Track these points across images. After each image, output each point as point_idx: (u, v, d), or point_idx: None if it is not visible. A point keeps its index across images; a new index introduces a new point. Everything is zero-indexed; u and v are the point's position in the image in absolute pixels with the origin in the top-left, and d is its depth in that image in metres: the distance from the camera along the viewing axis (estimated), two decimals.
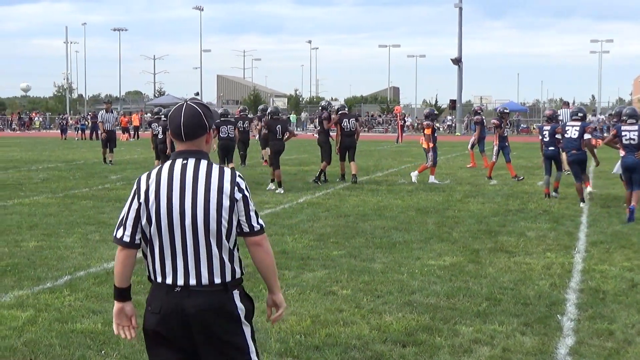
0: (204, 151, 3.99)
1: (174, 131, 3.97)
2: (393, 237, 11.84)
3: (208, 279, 3.86)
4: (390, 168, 26.13)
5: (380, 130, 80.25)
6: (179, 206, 3.85)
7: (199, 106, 3.98)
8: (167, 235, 3.87)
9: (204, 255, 3.86)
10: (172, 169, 3.93)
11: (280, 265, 9.68)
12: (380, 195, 17.48)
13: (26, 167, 26.44)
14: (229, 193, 3.87)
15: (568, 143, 15.64)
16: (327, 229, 12.60)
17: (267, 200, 16.47)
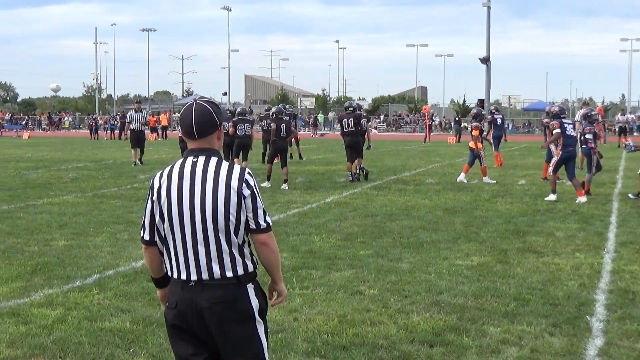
0: (214, 148, 4.09)
1: (186, 130, 4.05)
2: (420, 237, 11.81)
3: (220, 274, 3.94)
4: (417, 168, 26.07)
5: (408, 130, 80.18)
6: (189, 203, 3.95)
7: (208, 104, 4.08)
8: (179, 232, 3.97)
9: (214, 250, 3.94)
10: (182, 167, 4.02)
11: (308, 265, 9.70)
12: (407, 195, 17.44)
13: (56, 166, 26.66)
14: (237, 189, 3.94)
15: (568, 140, 16.39)
16: (354, 229, 12.59)
17: (294, 199, 16.49)
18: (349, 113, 21.23)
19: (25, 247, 10.92)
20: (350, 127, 21.05)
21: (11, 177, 22.30)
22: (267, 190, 18.35)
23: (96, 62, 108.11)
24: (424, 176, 22.55)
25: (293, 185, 19.39)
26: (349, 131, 21.07)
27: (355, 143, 21.02)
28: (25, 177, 22.28)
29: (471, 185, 19.87)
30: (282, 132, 19.43)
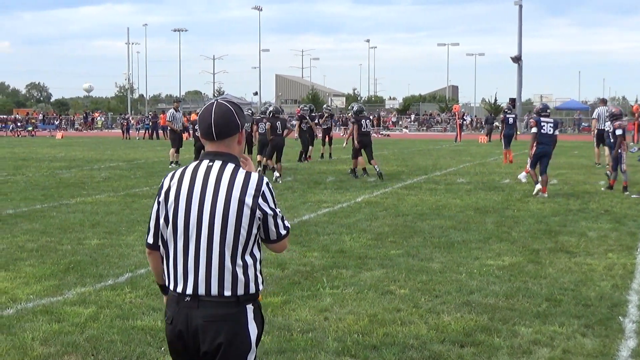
0: (233, 154, 3.79)
1: (204, 131, 3.78)
2: (451, 237, 11.77)
3: (217, 292, 3.63)
4: (448, 167, 25.97)
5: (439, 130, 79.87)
6: (197, 211, 3.66)
7: (230, 104, 3.82)
8: (182, 240, 3.69)
9: (215, 266, 3.63)
10: (196, 171, 3.75)
11: (338, 265, 9.70)
12: (438, 195, 17.39)
13: (88, 166, 26.88)
14: (251, 203, 3.65)
15: (543, 138, 17.01)
16: (385, 228, 12.58)
17: (325, 199, 16.50)
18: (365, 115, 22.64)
19: (59, 246, 11.02)
20: (367, 127, 22.24)
21: (45, 176, 22.52)
22: (298, 189, 18.37)
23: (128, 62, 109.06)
24: (455, 176, 22.47)
25: (324, 185, 19.41)
26: (366, 131, 22.15)
27: (370, 142, 22.19)
28: (58, 176, 22.49)
29: (502, 184, 19.76)
30: (278, 130, 21.11)
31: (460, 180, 21.05)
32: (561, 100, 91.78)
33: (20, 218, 13.77)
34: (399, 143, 48.69)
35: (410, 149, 39.32)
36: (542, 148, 17.04)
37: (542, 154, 17.07)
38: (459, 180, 20.90)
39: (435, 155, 33.24)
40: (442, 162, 28.93)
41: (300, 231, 12.20)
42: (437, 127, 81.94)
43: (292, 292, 8.33)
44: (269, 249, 3.90)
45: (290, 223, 12.95)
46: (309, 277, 9.06)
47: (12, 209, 14.90)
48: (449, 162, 28.96)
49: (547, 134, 16.99)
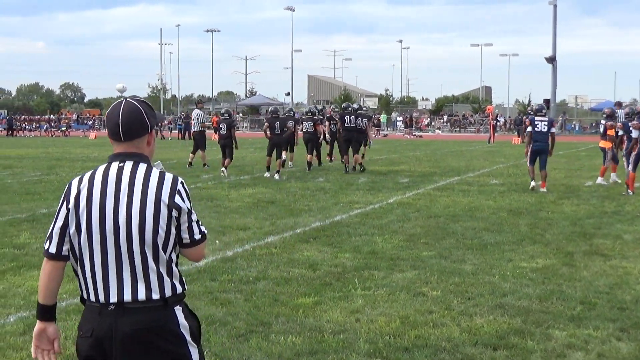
0: (143, 154, 3.61)
1: (111, 130, 3.59)
2: (484, 239, 11.71)
3: (145, 295, 3.43)
4: (482, 169, 25.85)
5: (472, 131, 79.52)
6: (112, 213, 3.46)
7: (140, 103, 3.61)
8: (99, 246, 3.47)
9: (139, 268, 3.44)
10: (106, 173, 3.55)
11: (370, 266, 9.69)
12: (471, 196, 17.31)
13: None
14: (167, 202, 3.49)
15: (537, 135, 18.40)
16: (417, 230, 12.55)
17: (357, 200, 16.49)
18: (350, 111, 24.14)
19: None
20: (351, 123, 23.82)
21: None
22: (330, 190, 18.39)
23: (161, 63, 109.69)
24: (488, 177, 22.36)
25: (356, 186, 19.41)
26: (350, 127, 23.78)
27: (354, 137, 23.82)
28: None
29: (536, 186, 19.61)
30: (277, 129, 22.23)
31: (494, 181, 20.94)
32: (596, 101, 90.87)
33: (54, 218, 13.87)
34: (431, 144, 48.55)
35: (442, 150, 39.19)
36: (537, 145, 18.43)
37: (538, 151, 18.46)
38: (492, 182, 20.79)
39: (468, 157, 33.11)
40: (475, 163, 28.80)
41: (332, 232, 12.20)
42: (470, 128, 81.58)
43: (324, 293, 8.33)
44: (185, 257, 3.67)
45: (322, 223, 13.03)
46: (341, 278, 9.06)
47: (45, 208, 15.05)
48: (482, 163, 28.83)
49: (542, 131, 18.34)
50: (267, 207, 15.34)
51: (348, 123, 23.66)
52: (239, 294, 8.28)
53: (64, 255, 3.56)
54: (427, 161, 29.90)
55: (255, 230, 12.45)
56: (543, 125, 18.40)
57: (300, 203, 15.95)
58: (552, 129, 18.54)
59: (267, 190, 18.49)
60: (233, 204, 15.70)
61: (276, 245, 11.04)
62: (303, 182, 20.41)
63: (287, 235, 11.93)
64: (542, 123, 18.40)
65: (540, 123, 18.40)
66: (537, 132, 18.40)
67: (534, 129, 18.43)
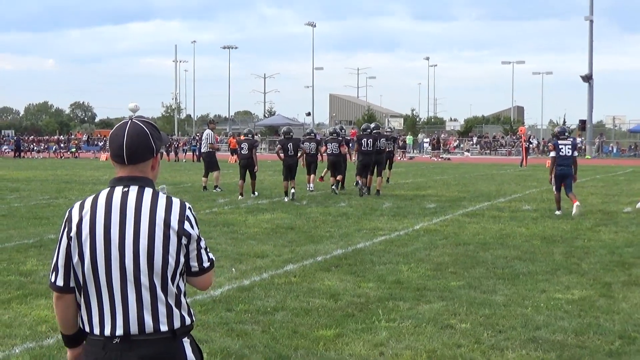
0: (148, 178, 3.60)
1: (114, 152, 3.57)
2: (516, 268, 11.65)
3: (153, 327, 3.44)
4: (513, 194, 25.76)
5: (503, 153, 79.36)
6: (118, 241, 3.44)
7: (146, 125, 3.61)
8: (104, 276, 3.45)
9: (147, 298, 3.44)
10: (110, 198, 3.52)
11: (395, 296, 9.66)
12: (502, 223, 17.25)
13: None
14: (177, 228, 3.48)
15: (562, 160, 18.68)
16: (444, 258, 12.51)
17: (381, 226, 16.47)
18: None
19: None
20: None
21: None
22: (352, 215, 18.38)
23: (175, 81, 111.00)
24: (520, 202, 22.27)
25: (380, 212, 19.39)
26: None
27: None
28: None
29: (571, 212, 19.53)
30: (290, 151, 23.19)
31: (526, 207, 20.86)
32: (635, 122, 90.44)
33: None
34: (460, 167, 48.49)
35: (472, 174, 39.11)
36: (561, 170, 18.70)
37: (563, 176, 18.71)
38: (524, 208, 20.71)
39: (499, 181, 33.02)
40: (506, 187, 28.71)
41: (354, 260, 12.19)
42: (501, 150, 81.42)
43: (346, 324, 8.31)
44: (193, 285, 3.72)
45: (344, 251, 13.02)
46: (364, 309, 9.04)
47: (53, 233, 15.12)
48: (513, 188, 28.73)
49: (566, 155, 18.66)
50: (286, 233, 15.35)
51: (365, 146, 23.96)
52: (256, 325, 8.27)
53: (72, 287, 3.54)
54: (455, 185, 29.84)
55: (273, 257, 12.45)
56: (567, 148, 18.75)
57: (321, 229, 15.95)
58: (575, 152, 18.96)
59: (286, 215, 18.51)
60: (250, 230, 15.72)
61: (295, 274, 11.04)
62: (324, 207, 20.42)
63: (307, 264, 11.92)
64: (566, 147, 18.74)
65: (565, 147, 18.73)
66: (562, 157, 18.69)
67: (558, 153, 18.73)
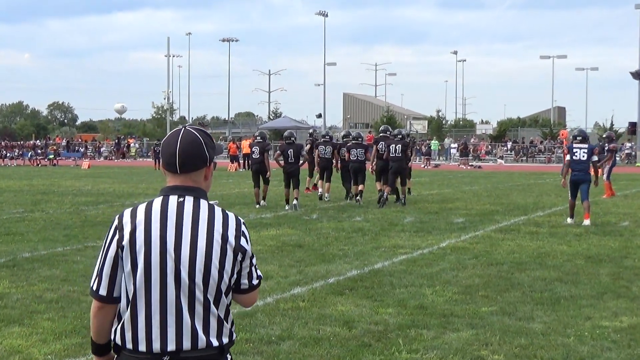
0: (201, 188, 3.92)
1: (167, 160, 3.88)
2: (557, 291, 11.64)
3: (206, 342, 3.74)
4: (553, 206, 25.72)
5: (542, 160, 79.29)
6: (174, 253, 3.73)
7: (200, 133, 3.93)
8: (158, 288, 3.73)
9: (200, 313, 3.74)
10: (165, 207, 3.81)
11: (417, 324, 9.65)
12: (541, 240, 17.22)
13: (119, 201, 27.29)
14: (234, 243, 3.83)
15: (575, 165, 19.72)
16: (474, 280, 12.50)
17: (401, 244, 16.46)
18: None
19: (82, 297, 11.14)
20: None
21: (68, 213, 22.89)
22: (369, 231, 18.39)
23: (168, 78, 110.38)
24: (561, 216, 22.24)
25: (400, 227, 19.39)
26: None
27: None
28: (83, 213, 22.86)
29: (620, 228, 19.51)
30: (290, 158, 24.22)
31: (568, 221, 20.82)
32: None
33: (38, 263, 14.00)
34: (492, 176, 48.44)
35: (506, 184, 39.07)
36: (575, 175, 19.85)
37: (576, 182, 19.85)
38: (566, 222, 20.68)
39: (536, 192, 32.97)
40: (545, 199, 28.67)
41: (371, 282, 12.18)
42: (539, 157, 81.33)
43: (362, 356, 8.31)
44: (238, 302, 4.02)
45: (360, 272, 13.03)
46: (382, 338, 9.03)
47: (28, 251, 15.17)
48: (553, 200, 28.69)
49: (580, 160, 19.71)
50: (294, 251, 15.36)
51: (393, 152, 25.09)
52: (260, 357, 8.27)
53: (116, 297, 3.80)
54: (487, 197, 29.81)
55: (279, 279, 12.46)
56: (582, 153, 19.71)
57: (334, 247, 15.96)
58: (594, 157, 19.90)
59: (294, 231, 18.53)
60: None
61: (304, 298, 11.04)
62: (337, 222, 20.44)
63: (317, 286, 11.93)
64: (581, 151, 19.72)
65: (579, 151, 19.73)
66: (576, 161, 19.78)
67: (572, 157, 19.81)
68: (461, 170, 61.23)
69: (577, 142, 19.97)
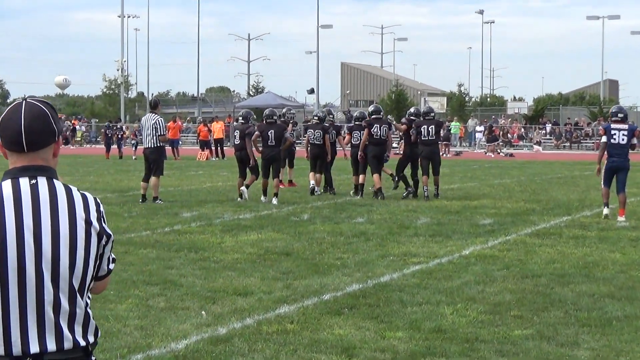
0: (52, 168, 4.08)
1: (11, 139, 4.00)
2: (607, 310, 11.65)
3: (72, 341, 3.94)
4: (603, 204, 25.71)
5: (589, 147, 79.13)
6: (33, 244, 3.88)
7: (44, 105, 4.07)
8: (15, 284, 3.86)
9: (65, 308, 3.92)
10: (17, 192, 3.95)
11: (434, 350, 9.67)
12: (587, 246, 17.24)
13: None
14: (98, 227, 4.05)
15: (613, 149, 20.22)
16: (505, 296, 12.51)
17: (414, 251, 16.46)
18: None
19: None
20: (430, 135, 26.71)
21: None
22: (374, 236, 18.39)
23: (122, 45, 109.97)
24: (613, 217, 22.26)
25: (413, 230, 19.40)
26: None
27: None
28: None
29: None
30: (270, 140, 24.64)
31: (622, 223, 20.85)
32: None
33: None
34: (527, 167, 48.51)
35: (544, 176, 39.14)
36: (612, 162, 20.40)
37: (614, 169, 20.48)
38: (619, 224, 20.71)
39: (582, 186, 33.04)
40: (593, 196, 28.68)
41: (376, 299, 12.19)
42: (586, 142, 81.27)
43: None
44: (90, 290, 4.20)
45: (362, 286, 13.06)
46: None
47: None
48: None
49: (619, 144, 20.28)
50: (280, 260, 15.37)
51: (425, 135, 26.45)
52: None
53: None
54: (520, 192, 29.85)
55: (261, 295, 12.47)
56: (621, 135, 20.24)
57: (330, 255, 15.97)
58: (634, 139, 20.26)
59: (280, 235, 18.54)
60: (228, 257, 15.73)
61: (293, 319, 11.05)
62: (333, 224, 20.45)
63: (309, 304, 11.94)
64: (620, 132, 20.24)
65: (619, 133, 20.26)
66: (614, 145, 20.35)
67: (610, 139, 20.31)
68: (488, 159, 61.28)
69: (616, 122, 20.35)
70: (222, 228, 19.78)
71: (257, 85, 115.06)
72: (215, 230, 19.42)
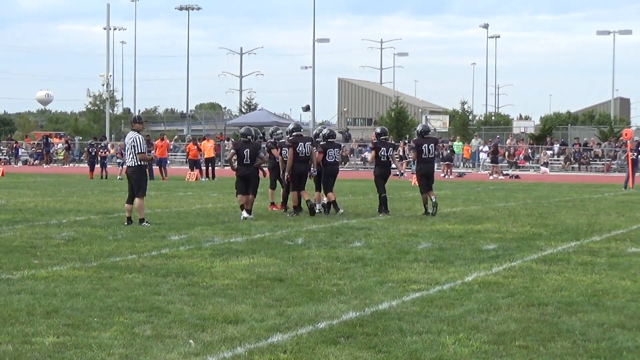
0: None
1: None
2: (618, 340, 11.66)
3: None
4: (614, 229, 25.77)
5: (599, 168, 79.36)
6: None
7: None
8: None
9: None
10: None
11: None
12: (597, 273, 17.25)
13: (43, 220, 27.22)
14: None
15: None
16: (510, 326, 12.51)
17: (414, 277, 16.46)
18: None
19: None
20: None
21: None
22: (372, 261, 18.38)
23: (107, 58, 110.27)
24: (623, 242, 22.29)
25: (413, 255, 19.39)
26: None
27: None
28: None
29: None
30: (246, 158, 26.18)
31: (633, 249, 20.88)
32: None
33: None
34: (534, 189, 48.55)
35: (552, 199, 39.16)
36: None
37: None
38: (630, 250, 20.73)
39: (592, 210, 33.05)
40: (603, 220, 28.74)
41: (374, 328, 12.19)
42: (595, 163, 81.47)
43: None
44: None
45: (360, 314, 13.05)
46: None
47: None
48: (614, 220, 28.77)
49: None
50: (273, 287, 15.36)
51: (426, 153, 28.57)
52: None
53: None
54: (526, 216, 29.87)
55: (252, 324, 12.46)
56: None
57: (325, 281, 15.96)
58: None
59: (272, 260, 18.52)
60: (218, 282, 15.72)
61: (286, 349, 11.04)
62: (329, 248, 20.44)
63: (303, 333, 11.93)
64: None
65: None
66: None
67: None
68: (493, 181, 61.31)
69: None
70: (212, 252, 19.75)
71: (250, 101, 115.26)
72: (205, 254, 19.40)
